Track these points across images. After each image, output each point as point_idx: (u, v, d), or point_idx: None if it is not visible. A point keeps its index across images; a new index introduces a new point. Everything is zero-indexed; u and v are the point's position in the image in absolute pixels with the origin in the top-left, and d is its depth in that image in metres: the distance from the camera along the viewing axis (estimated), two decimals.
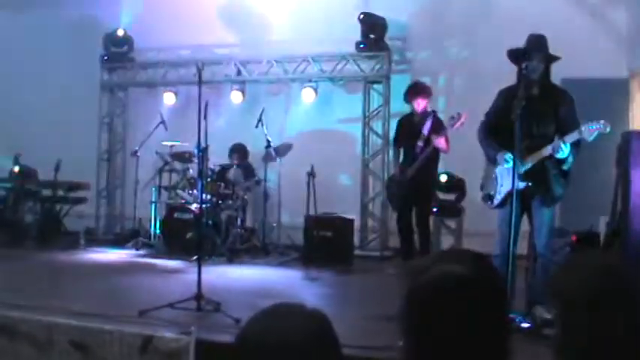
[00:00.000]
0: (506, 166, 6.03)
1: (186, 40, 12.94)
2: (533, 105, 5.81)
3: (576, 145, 5.74)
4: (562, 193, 6.01)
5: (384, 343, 4.70)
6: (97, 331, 5.52)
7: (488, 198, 6.34)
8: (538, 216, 6.06)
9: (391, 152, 9.91)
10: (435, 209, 10.20)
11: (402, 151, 9.20)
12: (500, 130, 6.15)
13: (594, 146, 5.92)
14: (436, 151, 8.87)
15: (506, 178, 6.00)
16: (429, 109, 9.09)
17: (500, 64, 6.57)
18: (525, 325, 5.50)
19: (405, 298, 1.95)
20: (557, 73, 6.39)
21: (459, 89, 11.51)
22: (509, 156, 5.96)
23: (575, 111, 6.01)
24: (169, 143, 11.13)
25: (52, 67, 13.57)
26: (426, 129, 8.86)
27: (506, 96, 6.17)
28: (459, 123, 8.62)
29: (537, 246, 6.08)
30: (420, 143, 8.85)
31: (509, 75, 6.32)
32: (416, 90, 9.19)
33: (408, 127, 9.15)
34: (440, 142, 8.69)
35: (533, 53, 5.98)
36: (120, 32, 12.82)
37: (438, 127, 8.84)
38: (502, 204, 6.14)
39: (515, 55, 6.16)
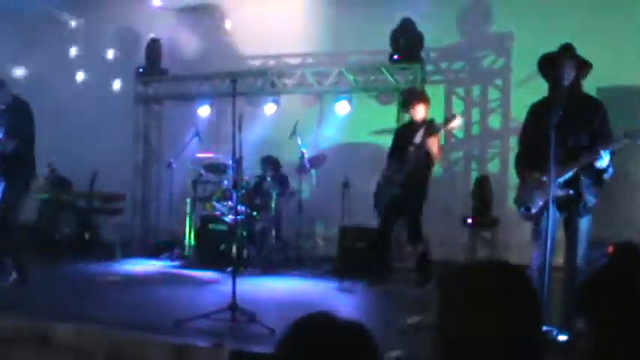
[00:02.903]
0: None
1: (221, 52, 13.03)
2: (567, 115, 5.74)
3: (612, 155, 5.68)
4: (594, 201, 5.94)
5: (421, 354, 4.66)
6: (132, 341, 5.54)
7: (526, 209, 6.27)
8: (575, 227, 5.99)
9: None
10: (470, 220, 10.14)
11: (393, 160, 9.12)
12: (535, 144, 6.10)
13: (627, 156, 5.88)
14: (428, 157, 8.74)
15: (543, 188, 5.95)
16: (426, 118, 8.98)
17: (536, 73, 6.52)
18: (562, 337, 5.43)
19: (440, 307, 1.94)
20: (592, 82, 6.33)
21: (493, 99, 11.45)
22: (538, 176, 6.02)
23: (609, 121, 5.94)
24: (204, 155, 11.18)
25: (89, 78, 13.74)
26: (418, 137, 8.73)
27: (537, 111, 6.14)
28: (451, 124, 8.53)
29: (575, 257, 6.01)
30: (411, 149, 8.75)
31: (545, 86, 6.27)
32: (413, 97, 9.11)
33: (403, 137, 9.06)
34: (433, 146, 8.57)
35: (562, 60, 5.92)
36: (152, 45, 12.88)
37: (431, 132, 8.67)
38: (539, 214, 6.08)
39: (545, 64, 6.12)
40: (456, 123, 8.66)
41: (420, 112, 8.93)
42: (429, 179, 8.99)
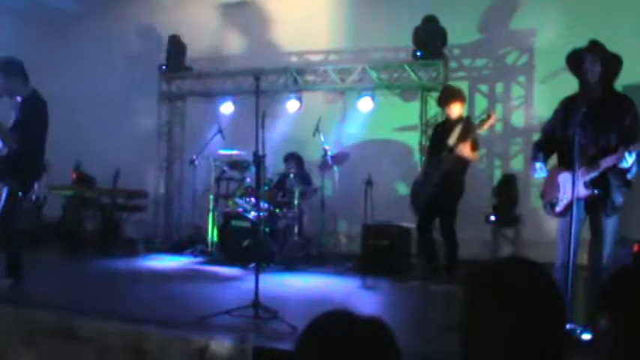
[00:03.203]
0: (535, 175, 6.27)
1: (244, 49, 13.08)
2: (596, 113, 5.70)
3: (638, 156, 5.63)
4: (622, 201, 5.90)
5: (443, 352, 4.66)
6: (155, 337, 5.57)
7: (551, 206, 6.24)
8: (602, 226, 5.95)
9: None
10: (492, 217, 10.11)
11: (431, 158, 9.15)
12: (561, 140, 6.09)
13: None
14: (463, 161, 8.74)
15: (568, 186, 5.92)
16: (463, 115, 8.98)
17: (560, 70, 6.48)
18: (586, 336, 5.40)
19: (463, 303, 1.94)
20: (619, 80, 6.27)
21: (517, 96, 11.41)
22: (540, 165, 6.19)
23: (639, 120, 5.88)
24: (227, 152, 11.22)
25: (111, 77, 13.81)
26: (452, 139, 8.71)
27: (567, 106, 6.10)
28: (488, 123, 8.49)
29: (601, 257, 5.96)
30: (444, 153, 8.74)
31: (569, 83, 6.23)
32: (448, 95, 9.09)
33: (440, 135, 9.05)
34: (464, 150, 8.54)
35: (587, 56, 5.88)
36: (174, 42, 12.93)
37: (466, 134, 8.66)
38: (564, 212, 6.04)
39: (571, 60, 6.08)
40: (493, 121, 8.63)
41: (455, 110, 8.91)
42: (464, 179, 8.96)
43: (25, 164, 7.50)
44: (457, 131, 8.71)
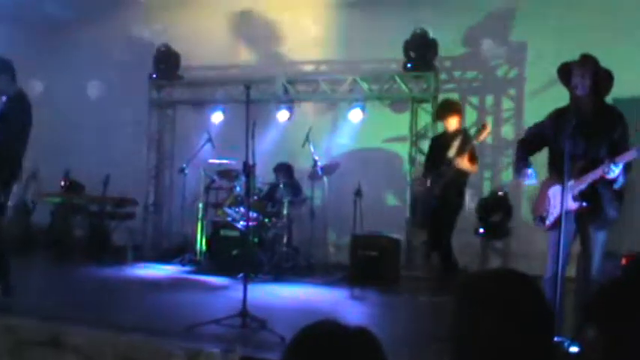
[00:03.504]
0: (526, 182, 6.22)
1: (234, 58, 13.09)
2: (585, 126, 5.71)
3: (627, 166, 5.65)
4: (616, 215, 5.90)
5: None
6: (143, 345, 5.55)
7: (541, 219, 6.25)
8: (591, 239, 5.94)
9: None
10: (481, 230, 10.12)
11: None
12: (551, 151, 6.11)
13: None
14: (463, 173, 8.74)
15: (559, 200, 5.93)
16: (460, 128, 8.97)
17: (550, 83, 6.51)
18: (574, 349, 5.40)
19: (452, 314, 1.95)
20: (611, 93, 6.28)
21: (507, 109, 11.44)
22: (532, 171, 6.12)
23: (629, 134, 5.90)
24: (216, 161, 11.21)
25: (101, 84, 13.82)
26: (451, 152, 8.70)
27: (557, 117, 6.11)
28: (482, 135, 8.49)
29: (589, 269, 5.96)
30: (444, 166, 8.72)
31: (559, 96, 6.25)
32: (446, 108, 9.08)
33: (438, 148, 9.03)
34: (463, 163, 8.54)
35: (576, 69, 5.89)
36: (165, 50, 12.94)
37: (464, 147, 8.67)
38: (554, 225, 6.05)
39: (562, 73, 6.09)
40: (486, 132, 8.62)
41: (452, 123, 8.92)
42: (464, 192, 8.98)
43: (2, 164, 7.22)
44: (456, 144, 8.70)
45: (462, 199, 8.95)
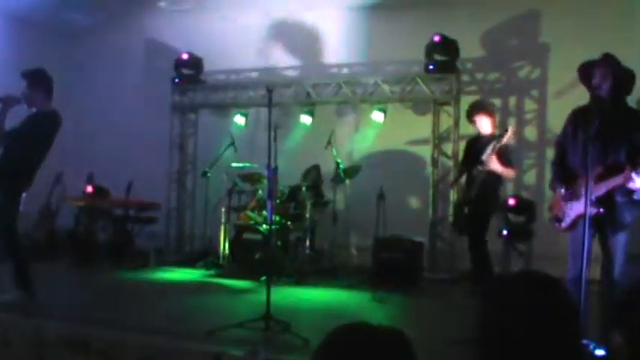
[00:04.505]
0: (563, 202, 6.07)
1: (256, 62, 13.12)
2: (605, 128, 5.60)
3: None
4: (631, 220, 5.80)
5: None
6: (167, 348, 5.57)
7: (557, 220, 6.18)
8: (611, 242, 5.86)
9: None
10: (504, 232, 10.05)
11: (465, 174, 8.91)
12: (571, 153, 6.04)
13: None
14: (495, 175, 8.50)
15: (575, 201, 5.88)
16: (496, 131, 8.68)
17: (573, 84, 6.45)
18: (600, 352, 5.35)
19: (477, 317, 1.93)
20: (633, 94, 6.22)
21: (530, 110, 11.38)
22: (564, 191, 6.04)
23: None
24: (239, 165, 11.23)
25: (124, 89, 13.89)
26: (486, 153, 8.40)
27: (576, 117, 6.04)
28: (505, 138, 8.29)
29: (612, 271, 5.89)
30: (477, 169, 8.53)
31: (582, 97, 6.20)
32: (475, 108, 8.87)
33: (472, 150, 8.80)
34: (493, 165, 8.38)
35: (595, 69, 5.83)
36: (185, 56, 12.98)
37: (495, 149, 8.30)
38: (570, 228, 6.00)
39: (581, 72, 6.02)
40: (509, 136, 8.45)
41: (482, 124, 8.64)
42: (498, 195, 8.81)
43: (15, 174, 7.34)
44: (490, 147, 8.48)
45: (496, 202, 8.80)
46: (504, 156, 8.35)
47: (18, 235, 7.51)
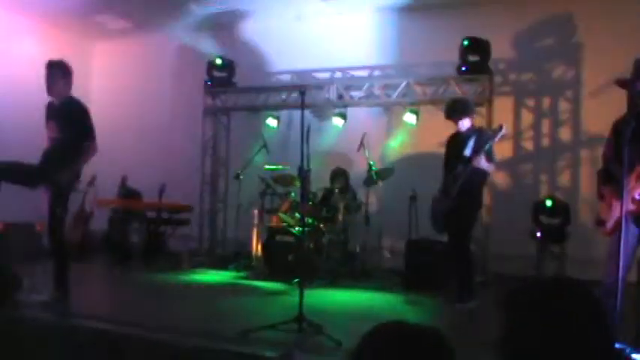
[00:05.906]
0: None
1: (288, 64, 13.14)
2: None
3: None
4: None
5: None
6: (200, 350, 5.58)
7: (601, 223, 6.12)
8: None
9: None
10: (538, 234, 9.98)
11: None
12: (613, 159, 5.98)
13: None
14: (481, 171, 8.30)
15: (617, 203, 5.81)
16: (474, 126, 8.58)
17: (608, 84, 6.39)
18: (636, 356, 5.28)
19: (504, 324, 1.92)
20: None
21: (564, 111, 11.28)
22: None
23: None
24: (271, 166, 11.25)
25: (158, 91, 13.99)
26: (468, 150, 8.28)
27: (617, 126, 5.99)
28: (499, 135, 8.17)
29: None
30: (460, 166, 8.30)
31: (617, 97, 6.13)
32: (457, 111, 8.67)
33: (454, 147, 8.61)
34: (479, 162, 8.17)
35: (636, 79, 5.76)
36: (218, 61, 13.02)
37: (481, 145, 8.17)
38: (614, 229, 5.93)
39: (621, 83, 5.97)
40: (503, 133, 8.30)
41: (463, 123, 8.51)
42: (481, 192, 8.65)
43: (63, 171, 7.38)
44: (471, 143, 8.36)
45: (479, 201, 8.65)
46: (491, 153, 8.27)
47: (65, 235, 7.62)
